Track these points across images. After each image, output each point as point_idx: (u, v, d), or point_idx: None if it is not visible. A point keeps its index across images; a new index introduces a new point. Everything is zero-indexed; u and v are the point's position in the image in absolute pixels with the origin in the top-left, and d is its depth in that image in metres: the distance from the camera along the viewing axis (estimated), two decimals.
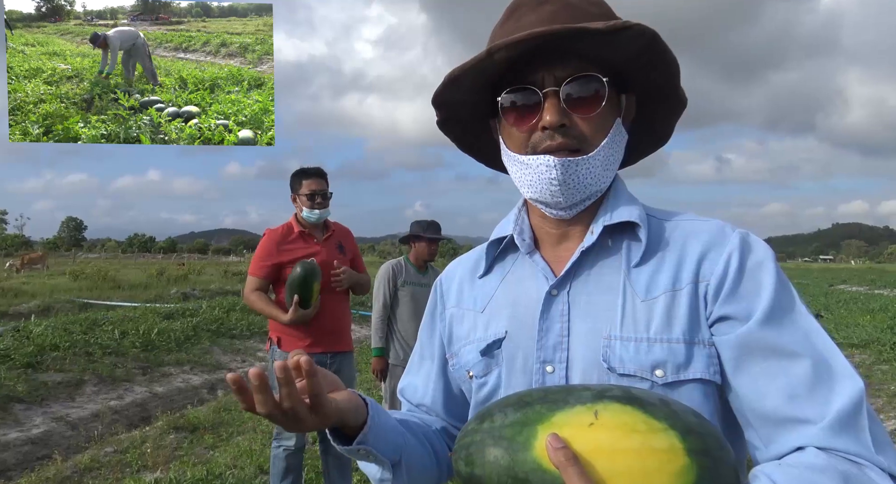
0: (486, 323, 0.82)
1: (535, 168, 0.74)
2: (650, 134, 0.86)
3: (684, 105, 0.81)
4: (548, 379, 0.73)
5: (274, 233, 2.93)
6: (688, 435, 0.56)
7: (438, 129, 0.88)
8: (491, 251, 0.85)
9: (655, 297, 0.71)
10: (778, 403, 0.64)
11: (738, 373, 0.67)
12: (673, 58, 0.73)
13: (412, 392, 0.92)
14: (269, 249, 2.89)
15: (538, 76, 0.73)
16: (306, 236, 2.95)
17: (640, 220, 0.74)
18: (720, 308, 0.69)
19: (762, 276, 0.69)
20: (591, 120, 0.73)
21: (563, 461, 0.54)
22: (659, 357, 0.68)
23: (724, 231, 0.73)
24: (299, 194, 2.93)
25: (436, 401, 0.89)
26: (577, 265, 0.75)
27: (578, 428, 0.57)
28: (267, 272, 2.88)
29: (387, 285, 3.58)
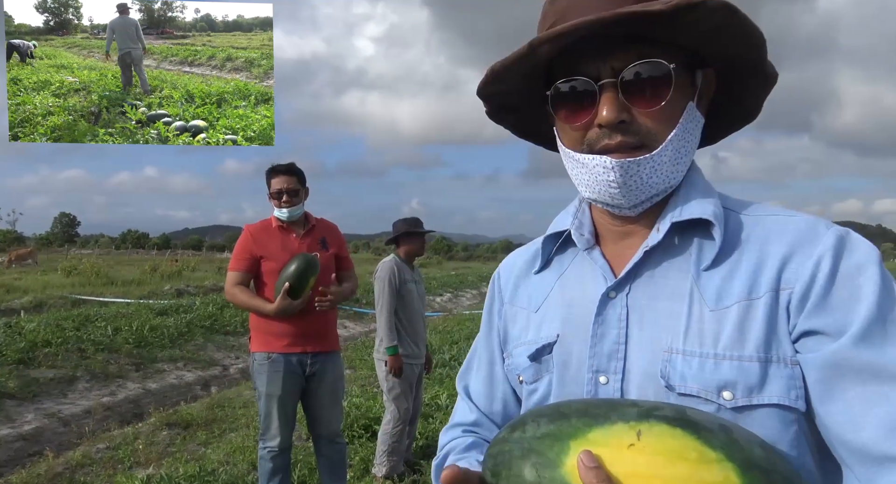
0: (538, 324, 0.75)
1: (591, 168, 0.66)
2: (735, 110, 0.75)
3: (774, 79, 0.69)
4: (601, 390, 0.66)
5: (251, 227, 2.93)
6: (749, 470, 0.48)
7: (489, 119, 0.79)
8: (548, 246, 0.78)
9: (728, 306, 0.61)
10: (877, 437, 0.53)
11: (827, 399, 0.56)
12: (756, 29, 0.62)
13: (476, 396, 0.85)
14: (245, 243, 2.88)
15: (593, 65, 0.64)
16: (284, 231, 2.90)
17: (714, 218, 0.64)
18: (806, 321, 0.58)
19: (861, 282, 0.57)
20: (655, 113, 0.64)
21: (593, 483, 0.49)
22: (728, 376, 0.59)
23: (815, 229, 0.62)
24: (270, 192, 2.90)
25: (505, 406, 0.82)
26: (640, 266, 0.67)
27: (616, 448, 0.51)
28: (246, 265, 2.84)
29: (392, 283, 3.63)
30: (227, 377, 7.03)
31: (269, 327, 2.80)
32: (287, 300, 2.70)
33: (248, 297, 2.83)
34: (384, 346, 3.54)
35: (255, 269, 2.86)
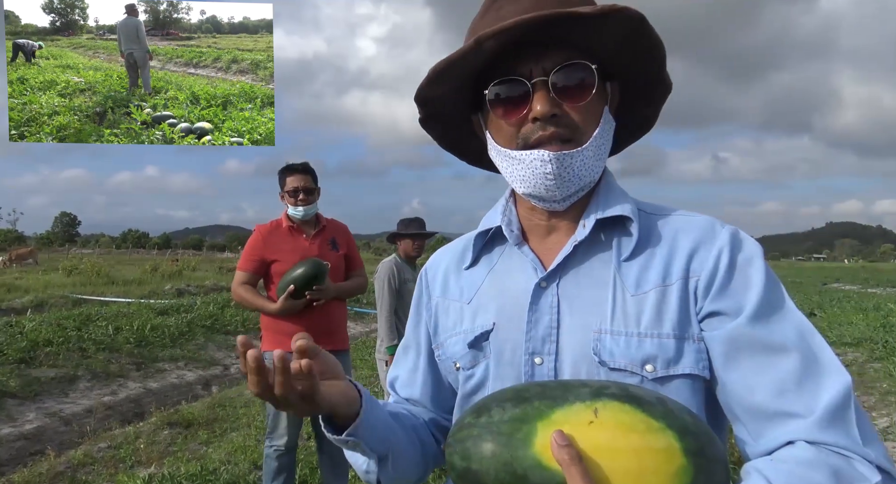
0: (473, 314, 0.81)
1: (528, 163, 0.73)
2: (635, 121, 0.85)
3: (669, 89, 0.80)
4: (536, 370, 0.73)
5: (262, 228, 2.93)
6: (685, 435, 0.56)
7: (421, 126, 0.85)
8: (478, 242, 0.84)
9: (646, 292, 0.71)
10: (767, 398, 0.64)
11: (727, 368, 0.67)
12: (660, 41, 0.72)
13: (400, 385, 0.91)
14: (255, 244, 2.89)
15: (526, 67, 0.72)
16: (295, 232, 2.91)
17: (632, 215, 0.74)
18: (710, 304, 0.69)
19: (752, 272, 0.69)
20: (581, 109, 0.72)
21: (566, 459, 0.54)
22: (649, 352, 0.68)
23: (714, 227, 0.74)
24: (284, 191, 2.92)
25: (424, 393, 0.88)
26: (568, 258, 0.75)
27: (578, 426, 0.57)
28: (254, 267, 2.86)
29: (391, 283, 3.64)
30: (227, 377, 7.03)
31: (280, 327, 2.82)
32: (289, 301, 2.72)
33: (251, 296, 2.86)
34: (385, 345, 3.55)
35: (262, 270, 2.88)
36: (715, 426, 0.70)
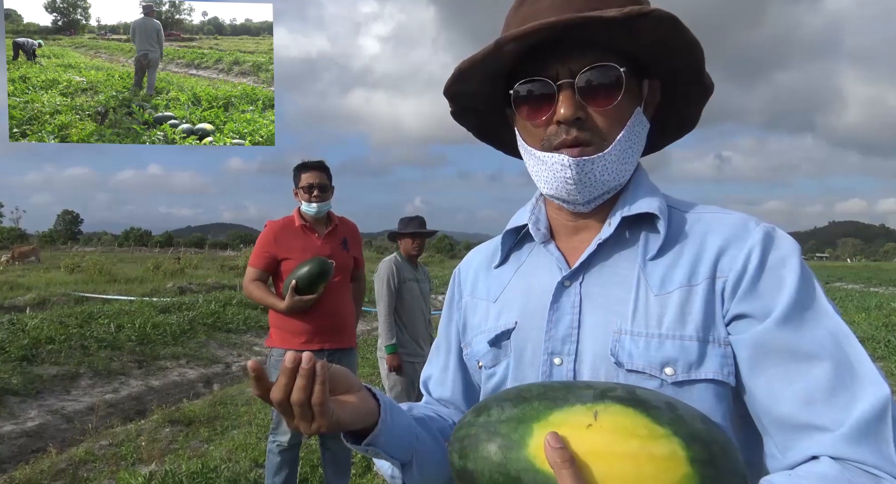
0: (497, 313, 0.80)
1: (550, 165, 0.72)
2: (676, 120, 0.82)
3: (710, 90, 0.77)
4: (555, 371, 0.71)
5: (274, 224, 2.93)
6: (692, 443, 0.53)
7: (454, 119, 0.84)
8: (507, 241, 0.84)
9: (670, 292, 0.68)
10: (793, 409, 0.60)
11: (752, 375, 0.63)
12: (695, 42, 0.69)
13: (433, 385, 0.90)
14: (266, 241, 2.89)
15: (552, 67, 0.70)
16: (307, 230, 2.91)
17: (659, 212, 0.71)
18: (737, 306, 0.65)
19: (784, 273, 0.65)
20: (607, 112, 0.70)
21: (558, 462, 0.53)
22: (670, 354, 0.65)
23: (747, 225, 0.69)
24: (299, 187, 2.93)
25: (455, 392, 0.87)
26: (592, 257, 0.73)
27: (575, 428, 0.55)
28: (264, 263, 2.87)
29: (391, 282, 3.65)
30: (229, 375, 7.05)
31: (288, 324, 2.83)
32: (296, 298, 2.73)
33: (262, 293, 2.88)
34: (384, 344, 3.57)
35: (273, 267, 2.89)
36: (744, 438, 0.66)
